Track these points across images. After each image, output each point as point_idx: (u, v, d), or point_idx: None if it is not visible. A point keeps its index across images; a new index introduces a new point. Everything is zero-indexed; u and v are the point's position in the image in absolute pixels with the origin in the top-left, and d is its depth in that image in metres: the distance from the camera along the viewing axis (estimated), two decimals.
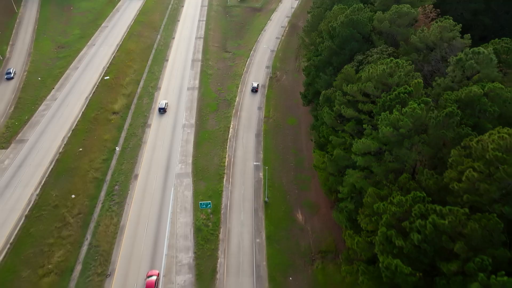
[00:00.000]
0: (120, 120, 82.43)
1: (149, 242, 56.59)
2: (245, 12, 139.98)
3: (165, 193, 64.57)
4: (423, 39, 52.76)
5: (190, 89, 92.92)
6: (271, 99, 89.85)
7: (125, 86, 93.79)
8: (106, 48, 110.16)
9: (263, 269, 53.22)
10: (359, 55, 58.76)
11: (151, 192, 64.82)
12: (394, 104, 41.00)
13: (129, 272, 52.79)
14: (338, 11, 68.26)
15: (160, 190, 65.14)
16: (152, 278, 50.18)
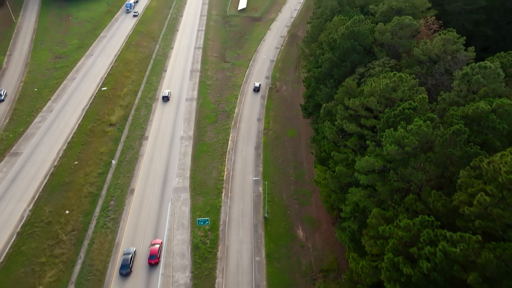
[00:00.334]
0: (117, 132, 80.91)
1: (145, 260, 54.61)
2: (244, 22, 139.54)
3: (162, 209, 62.75)
4: (426, 52, 51.54)
5: (189, 100, 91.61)
6: (270, 110, 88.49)
7: (123, 97, 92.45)
8: (104, 59, 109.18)
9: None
10: (360, 68, 57.50)
11: (147, 207, 63.00)
12: (398, 120, 39.54)
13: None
14: (338, 23, 67.23)
15: (156, 205, 63.33)
16: (155, 246, 54.33)
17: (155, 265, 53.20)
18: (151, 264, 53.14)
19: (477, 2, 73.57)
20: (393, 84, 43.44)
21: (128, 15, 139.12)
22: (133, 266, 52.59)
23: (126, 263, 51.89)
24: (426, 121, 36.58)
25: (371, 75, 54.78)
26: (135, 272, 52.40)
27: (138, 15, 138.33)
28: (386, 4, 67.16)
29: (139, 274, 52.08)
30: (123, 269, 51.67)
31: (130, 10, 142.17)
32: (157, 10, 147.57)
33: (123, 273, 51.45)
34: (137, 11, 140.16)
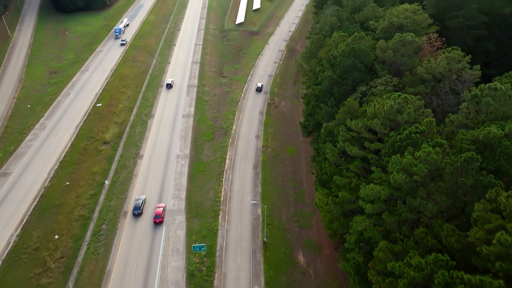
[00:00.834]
0: (111, 150, 78.46)
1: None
2: (242, 35, 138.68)
3: (156, 233, 59.92)
4: (430, 71, 49.72)
5: (185, 116, 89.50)
6: (269, 127, 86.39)
7: (118, 114, 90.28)
8: (99, 74, 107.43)
9: None
10: (362, 86, 55.61)
11: (141, 231, 60.17)
12: (405, 145, 37.36)
13: None
14: (338, 39, 65.66)
15: (150, 229, 60.51)
16: (159, 209, 62.52)
17: (159, 224, 61.09)
18: (155, 223, 61.28)
19: (479, 18, 72.37)
20: (398, 105, 41.40)
21: (115, 43, 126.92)
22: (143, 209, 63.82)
23: (138, 206, 62.94)
24: (435, 147, 34.38)
25: (373, 94, 52.90)
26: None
27: (126, 43, 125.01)
28: (387, 20, 65.77)
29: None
30: (135, 210, 62.53)
31: (118, 36, 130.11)
32: (154, 24, 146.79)
33: (135, 213, 62.46)
34: (125, 40, 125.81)
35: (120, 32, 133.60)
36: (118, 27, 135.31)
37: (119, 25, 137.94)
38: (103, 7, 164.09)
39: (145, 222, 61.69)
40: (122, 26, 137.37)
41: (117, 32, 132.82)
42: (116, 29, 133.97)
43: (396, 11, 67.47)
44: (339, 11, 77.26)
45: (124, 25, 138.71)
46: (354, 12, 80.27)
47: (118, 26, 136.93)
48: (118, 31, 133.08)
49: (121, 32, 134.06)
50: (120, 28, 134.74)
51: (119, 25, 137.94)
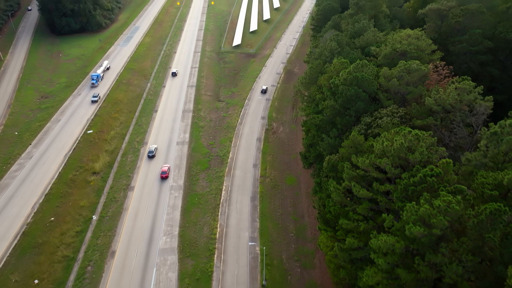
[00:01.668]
0: (101, 181, 74.17)
1: None
2: (239, 58, 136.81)
3: (146, 276, 55.11)
4: (440, 102, 46.54)
5: (180, 143, 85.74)
6: (267, 155, 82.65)
7: (109, 141, 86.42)
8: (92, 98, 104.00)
9: None
10: (366, 117, 52.30)
11: (129, 274, 55.33)
12: (420, 190, 33.61)
13: None
14: (339, 66, 62.83)
15: (140, 271, 55.70)
16: (165, 167, 76.01)
17: (165, 178, 74.11)
18: (162, 178, 74.33)
19: (483, 43, 70.16)
20: (408, 143, 37.84)
21: (88, 95, 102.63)
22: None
23: (152, 150, 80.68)
24: (455, 194, 30.61)
25: (379, 126, 49.52)
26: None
27: (98, 100, 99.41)
28: (389, 46, 63.22)
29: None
30: (150, 153, 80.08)
31: (95, 84, 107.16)
32: (150, 47, 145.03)
33: (150, 155, 79.90)
34: (98, 95, 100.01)
35: (98, 79, 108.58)
36: (95, 73, 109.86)
37: (97, 70, 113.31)
38: (98, 30, 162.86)
39: (133, 265, 56.93)
40: (101, 71, 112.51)
41: (93, 80, 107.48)
42: (93, 75, 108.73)
43: (399, 37, 65.05)
44: (338, 36, 74.94)
45: (103, 69, 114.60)
46: (354, 37, 78.01)
47: (95, 72, 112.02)
48: (96, 78, 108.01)
49: (99, 79, 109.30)
50: (97, 75, 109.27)
51: (97, 70, 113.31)
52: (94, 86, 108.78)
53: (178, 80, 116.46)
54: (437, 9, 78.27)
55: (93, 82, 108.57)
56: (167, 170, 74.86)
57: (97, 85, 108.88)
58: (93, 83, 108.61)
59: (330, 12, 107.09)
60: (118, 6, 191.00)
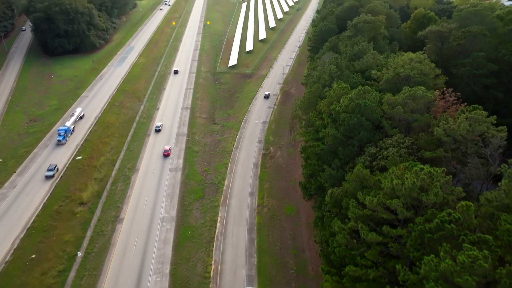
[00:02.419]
0: (88, 213, 69.71)
1: None
2: (235, 78, 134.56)
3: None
4: (450, 133, 43.37)
5: (173, 170, 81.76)
6: (264, 182, 78.80)
7: (99, 168, 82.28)
8: (83, 122, 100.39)
9: None
10: (370, 147, 48.96)
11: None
12: (437, 238, 29.88)
13: None
14: (339, 91, 59.94)
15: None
16: (167, 147, 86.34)
17: (167, 156, 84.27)
18: (165, 155, 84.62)
19: (487, 66, 67.95)
20: (421, 182, 34.29)
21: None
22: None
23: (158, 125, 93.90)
24: (480, 245, 26.89)
25: (385, 158, 46.13)
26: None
27: (55, 174, 76.64)
28: (392, 70, 60.62)
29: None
30: (157, 127, 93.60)
31: (62, 141, 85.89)
32: (144, 67, 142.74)
33: (156, 129, 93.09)
34: (55, 167, 77.53)
35: (67, 134, 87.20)
36: (63, 127, 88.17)
37: (66, 122, 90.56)
38: (92, 50, 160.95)
39: None
40: (72, 123, 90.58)
41: (60, 135, 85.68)
42: (60, 129, 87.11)
43: (401, 61, 62.59)
44: (337, 58, 72.52)
45: (75, 119, 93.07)
46: (353, 60, 75.69)
47: (63, 125, 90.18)
48: (63, 133, 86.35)
49: (68, 134, 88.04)
50: (66, 128, 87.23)
51: (66, 122, 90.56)
52: (60, 143, 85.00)
53: (172, 102, 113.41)
54: (438, 31, 76.54)
55: (60, 139, 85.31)
56: (169, 149, 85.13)
57: (65, 142, 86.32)
58: (59, 140, 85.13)
59: (327, 33, 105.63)
60: (113, 26, 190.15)
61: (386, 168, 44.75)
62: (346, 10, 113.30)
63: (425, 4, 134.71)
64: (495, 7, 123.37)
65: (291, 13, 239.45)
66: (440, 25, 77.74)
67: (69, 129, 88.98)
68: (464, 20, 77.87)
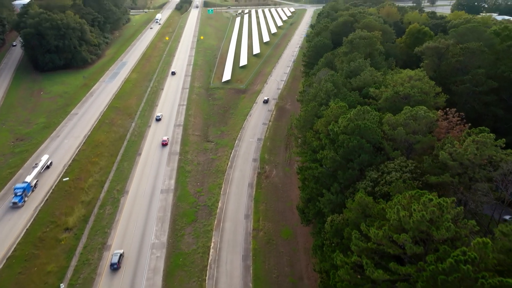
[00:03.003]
0: (73, 240, 65.79)
1: None
2: (229, 94, 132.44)
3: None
4: (456, 157, 40.90)
5: (164, 191, 78.31)
6: (260, 203, 75.60)
7: (86, 190, 78.60)
8: (71, 141, 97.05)
9: None
10: (372, 172, 46.30)
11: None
12: (452, 280, 26.94)
13: None
14: (337, 110, 57.59)
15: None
16: (165, 138, 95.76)
17: (165, 145, 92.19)
18: (163, 145, 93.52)
19: (487, 83, 66.31)
20: (430, 215, 31.54)
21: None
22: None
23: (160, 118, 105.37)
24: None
25: (388, 183, 43.46)
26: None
27: (23, 201, 69.24)
28: (391, 89, 58.55)
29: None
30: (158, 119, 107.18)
31: (18, 203, 68.86)
32: (136, 83, 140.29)
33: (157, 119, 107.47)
34: (23, 190, 69.64)
35: (25, 194, 70.54)
36: (21, 184, 71.02)
37: (27, 177, 73.97)
38: (84, 65, 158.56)
39: None
40: (34, 176, 75.05)
41: (17, 195, 69.11)
42: (17, 188, 70.15)
43: (400, 79, 60.66)
44: (334, 76, 70.52)
45: (39, 170, 77.73)
46: (350, 76, 73.80)
47: (23, 181, 72.84)
48: (21, 192, 69.48)
49: (28, 193, 71.41)
50: (25, 186, 70.37)
51: (27, 177, 73.97)
52: (16, 206, 68.31)
53: (164, 119, 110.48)
54: (435, 47, 75.19)
55: (16, 201, 68.34)
56: (167, 140, 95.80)
57: (22, 204, 68.98)
58: (14, 203, 68.27)
59: (322, 49, 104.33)
60: (106, 41, 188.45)
61: (390, 195, 42.12)
62: (340, 26, 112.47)
63: (418, 19, 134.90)
64: (488, 22, 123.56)
65: (284, 27, 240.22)
66: (437, 41, 76.48)
67: (29, 185, 71.90)
68: (461, 36, 76.71)
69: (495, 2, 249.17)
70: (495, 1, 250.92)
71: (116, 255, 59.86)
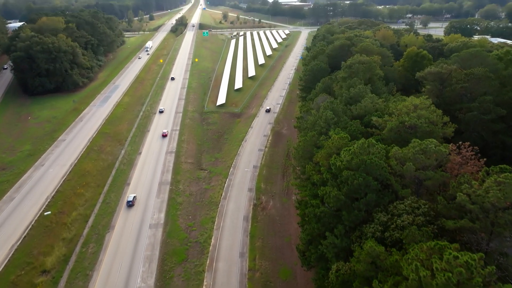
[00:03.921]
0: (50, 285, 59.58)
1: None
2: (223, 118, 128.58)
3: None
4: (476, 200, 36.45)
5: (153, 226, 72.75)
6: (256, 239, 70.16)
7: (69, 226, 72.84)
8: (56, 170, 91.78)
9: None
10: (380, 214, 41.63)
11: None
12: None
13: None
14: (338, 142, 53.40)
15: None
16: (165, 132, 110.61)
17: (165, 137, 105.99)
18: (163, 136, 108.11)
19: (496, 110, 62.81)
20: (457, 276, 26.75)
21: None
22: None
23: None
24: None
25: (400, 228, 38.73)
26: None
27: None
28: (395, 119, 54.70)
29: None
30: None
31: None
32: (128, 107, 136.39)
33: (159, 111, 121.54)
34: None
35: None
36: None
37: None
38: (75, 89, 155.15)
39: None
40: None
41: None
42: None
43: (405, 107, 56.95)
44: (333, 103, 66.80)
45: None
46: (349, 103, 70.23)
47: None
48: None
49: None
50: None
51: None
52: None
53: (156, 146, 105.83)
54: (437, 73, 72.19)
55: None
56: (167, 133, 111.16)
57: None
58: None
59: (319, 73, 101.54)
60: (99, 64, 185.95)
61: (402, 241, 37.40)
62: (337, 49, 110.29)
63: (415, 42, 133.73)
64: (485, 45, 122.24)
65: (279, 49, 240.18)
66: (439, 66, 73.59)
67: None
68: (464, 61, 74.00)
69: (487, 25, 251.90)
70: (487, 24, 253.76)
71: None
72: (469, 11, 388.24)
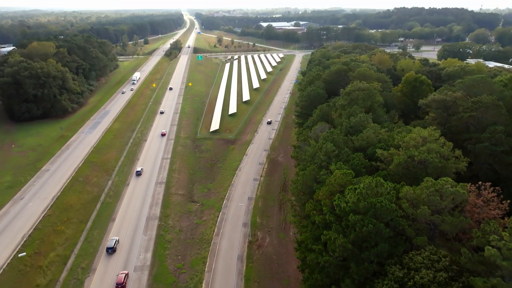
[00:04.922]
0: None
1: None
2: (217, 145, 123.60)
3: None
4: (509, 256, 31.20)
5: (138, 269, 66.06)
6: (251, 282, 63.65)
7: (45, 269, 65.89)
8: (36, 204, 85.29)
9: None
10: (395, 267, 36.14)
11: None
12: None
13: None
14: (341, 179, 48.39)
15: None
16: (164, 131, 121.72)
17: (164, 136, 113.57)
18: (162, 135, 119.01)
19: (508, 141, 58.52)
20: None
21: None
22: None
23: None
24: None
25: (418, 286, 33.14)
26: None
27: None
28: (403, 153, 50.02)
29: None
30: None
31: None
32: (118, 134, 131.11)
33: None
34: None
35: None
36: None
37: None
38: (64, 115, 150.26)
39: None
40: None
41: None
42: None
43: (412, 140, 52.36)
44: (333, 134, 62.21)
45: None
46: (350, 133, 65.81)
47: None
48: None
49: None
50: None
51: None
52: None
53: (145, 176, 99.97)
54: (442, 100, 68.43)
55: None
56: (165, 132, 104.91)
57: None
58: None
59: (315, 99, 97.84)
60: (90, 88, 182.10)
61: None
62: (334, 74, 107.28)
63: (412, 66, 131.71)
64: (483, 69, 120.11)
65: (274, 73, 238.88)
66: (443, 93, 69.94)
67: None
68: (469, 88, 70.57)
69: (479, 49, 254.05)
70: (479, 47, 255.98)
71: None
72: (459, 35, 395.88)
